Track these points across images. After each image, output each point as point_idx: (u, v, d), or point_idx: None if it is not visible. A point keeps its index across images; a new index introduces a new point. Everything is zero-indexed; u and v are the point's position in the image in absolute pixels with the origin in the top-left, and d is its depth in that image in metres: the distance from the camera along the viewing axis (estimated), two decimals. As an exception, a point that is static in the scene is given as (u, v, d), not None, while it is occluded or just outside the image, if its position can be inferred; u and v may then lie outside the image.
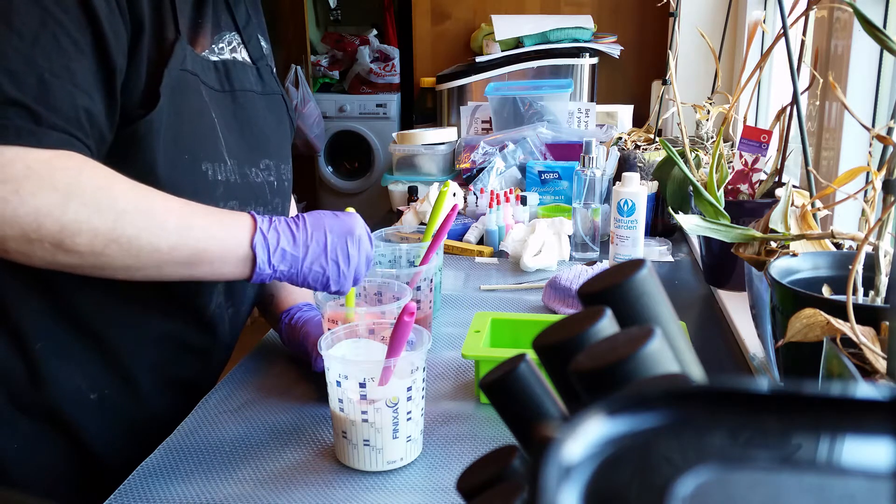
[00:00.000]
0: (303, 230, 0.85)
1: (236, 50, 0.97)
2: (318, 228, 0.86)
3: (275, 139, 1.02)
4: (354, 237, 0.87)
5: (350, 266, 0.87)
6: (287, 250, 0.83)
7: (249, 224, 0.82)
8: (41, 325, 0.84)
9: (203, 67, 0.89)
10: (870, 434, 0.21)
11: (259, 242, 0.81)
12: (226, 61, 0.94)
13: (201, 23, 0.91)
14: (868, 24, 0.71)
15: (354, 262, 0.87)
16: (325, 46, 4.64)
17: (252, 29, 1.01)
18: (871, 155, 0.81)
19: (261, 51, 1.03)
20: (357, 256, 0.87)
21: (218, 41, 0.94)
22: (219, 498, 0.76)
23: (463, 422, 0.90)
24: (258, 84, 1.00)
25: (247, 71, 0.98)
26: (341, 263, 0.86)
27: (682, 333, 0.32)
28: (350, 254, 0.86)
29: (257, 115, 0.99)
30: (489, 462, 0.36)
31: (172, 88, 0.83)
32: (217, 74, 0.92)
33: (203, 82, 0.89)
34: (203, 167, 0.87)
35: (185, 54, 0.85)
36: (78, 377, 0.87)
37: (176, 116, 0.84)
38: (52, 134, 0.72)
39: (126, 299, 0.88)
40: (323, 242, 0.85)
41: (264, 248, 0.82)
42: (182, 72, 0.85)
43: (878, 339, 0.62)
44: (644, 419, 0.21)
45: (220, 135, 0.90)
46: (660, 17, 2.51)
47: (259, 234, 0.82)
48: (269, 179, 0.99)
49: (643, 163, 1.71)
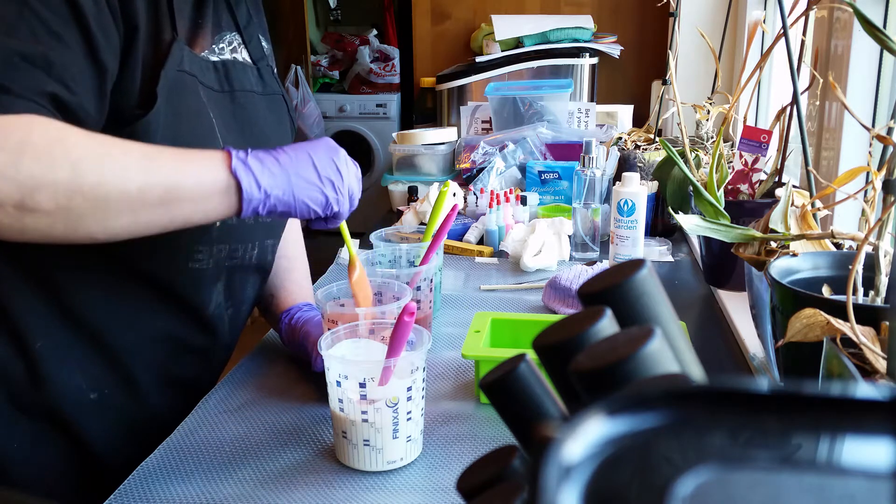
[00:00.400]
0: (284, 154, 0.80)
1: (237, 50, 0.96)
2: (299, 150, 0.81)
3: (275, 140, 1.01)
4: (339, 155, 0.83)
5: (344, 182, 0.82)
6: (275, 171, 0.78)
7: (223, 155, 0.77)
8: (41, 325, 0.84)
9: (202, 68, 0.88)
10: (870, 434, 0.21)
11: (239, 167, 0.76)
12: (225, 61, 0.93)
13: (201, 23, 0.90)
14: (868, 24, 0.71)
15: (347, 178, 0.83)
16: (325, 46, 4.64)
17: (253, 29, 1.01)
18: (871, 155, 0.81)
19: (262, 51, 1.02)
20: (348, 172, 0.83)
21: (218, 41, 0.93)
22: (219, 498, 0.76)
23: (463, 422, 0.90)
24: (259, 84, 0.99)
25: (247, 71, 0.97)
26: (335, 179, 0.81)
27: (682, 333, 0.32)
28: (341, 170, 0.82)
29: (257, 115, 0.98)
30: (489, 462, 0.36)
31: (169, 89, 0.82)
32: (216, 75, 0.91)
33: (201, 83, 0.88)
34: None
35: (182, 55, 0.84)
36: (78, 377, 0.87)
37: (174, 117, 0.83)
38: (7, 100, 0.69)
39: (126, 298, 0.88)
40: (310, 162, 0.80)
41: (248, 172, 0.76)
42: (179, 72, 0.84)
43: (878, 339, 0.62)
44: (644, 419, 0.21)
45: (219, 135, 0.89)
46: (660, 17, 2.51)
47: (237, 160, 0.76)
48: None
49: (643, 163, 1.71)
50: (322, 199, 0.80)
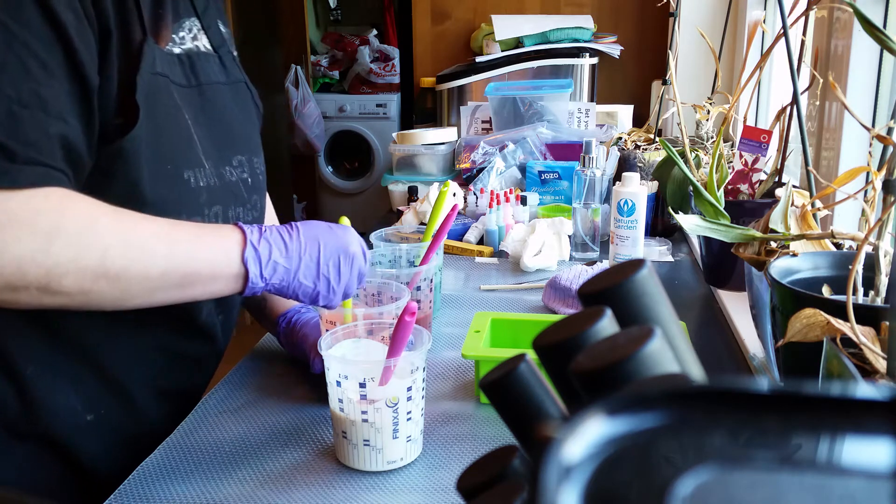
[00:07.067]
0: (296, 240, 0.82)
1: (197, 38, 0.92)
2: (311, 240, 0.83)
3: (244, 132, 0.98)
4: (349, 254, 0.85)
5: (340, 283, 0.84)
6: (279, 263, 0.80)
7: (239, 238, 0.79)
8: (31, 350, 0.81)
9: (169, 63, 0.85)
10: (870, 434, 0.21)
11: (251, 257, 0.78)
12: (190, 53, 0.89)
13: (162, 13, 0.86)
14: (868, 24, 0.71)
15: (345, 279, 0.85)
16: (325, 46, 4.64)
17: (212, 13, 0.96)
18: (871, 155, 0.81)
19: (221, 37, 0.97)
20: (349, 274, 0.85)
21: (178, 30, 0.89)
22: (219, 498, 0.76)
23: (463, 422, 0.90)
24: (222, 74, 0.95)
25: (210, 61, 0.93)
26: (332, 280, 0.83)
27: (682, 333, 0.32)
28: (342, 271, 0.84)
29: (225, 108, 0.95)
30: (489, 462, 0.36)
31: (146, 97, 0.79)
32: (182, 69, 0.88)
33: (172, 82, 0.85)
34: (185, 175, 0.85)
35: (153, 56, 0.81)
36: (73, 399, 0.84)
37: (154, 128, 0.80)
38: (28, 170, 0.68)
39: (117, 315, 0.84)
40: (316, 257, 0.82)
41: (256, 262, 0.79)
42: (153, 76, 0.81)
43: (878, 339, 0.62)
44: (644, 419, 0.21)
45: (195, 137, 0.87)
46: (660, 17, 2.51)
47: (250, 247, 0.78)
48: (242, 177, 0.95)
49: (643, 163, 1.71)
50: (314, 295, 0.84)
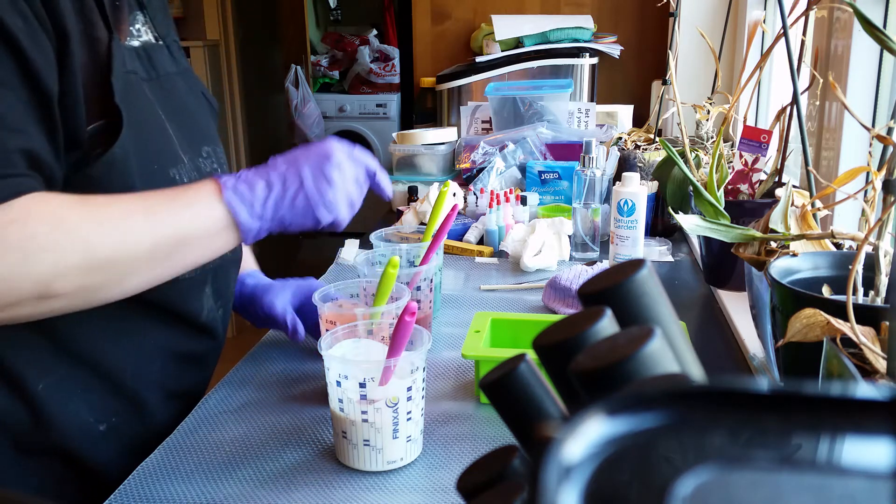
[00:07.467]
0: (273, 169, 0.80)
1: (148, 29, 0.90)
2: (289, 163, 0.80)
3: (204, 122, 0.97)
4: (332, 158, 0.81)
5: (336, 191, 0.81)
6: (264, 194, 0.78)
7: (214, 187, 0.77)
8: (41, 366, 0.80)
9: (132, 58, 0.83)
10: (870, 434, 0.21)
11: (231, 199, 0.76)
12: (146, 46, 0.88)
13: (119, 6, 0.84)
14: (868, 24, 0.71)
15: (340, 185, 0.81)
16: (325, 46, 4.64)
17: (155, 4, 0.94)
18: (871, 155, 0.81)
19: (166, 26, 0.95)
20: (342, 180, 0.81)
21: (133, 22, 0.87)
22: (219, 498, 0.76)
23: (463, 422, 0.90)
24: (173, 64, 0.94)
25: (162, 52, 0.92)
26: (326, 192, 0.80)
27: (682, 333, 0.32)
28: (333, 178, 0.81)
29: (183, 99, 0.94)
30: (489, 462, 0.36)
31: (124, 96, 0.78)
32: (142, 62, 0.86)
33: (140, 78, 0.83)
34: (171, 174, 0.84)
35: (122, 54, 0.79)
36: (85, 411, 0.84)
37: (136, 127, 0.79)
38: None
39: (122, 322, 0.85)
40: (299, 174, 0.79)
41: (240, 202, 0.77)
42: (126, 74, 0.79)
43: (878, 339, 0.62)
44: (644, 419, 0.21)
45: (171, 132, 0.86)
46: (660, 17, 2.50)
47: (228, 190, 0.76)
48: (213, 167, 0.94)
49: (643, 163, 1.71)
50: (313, 222, 0.81)
